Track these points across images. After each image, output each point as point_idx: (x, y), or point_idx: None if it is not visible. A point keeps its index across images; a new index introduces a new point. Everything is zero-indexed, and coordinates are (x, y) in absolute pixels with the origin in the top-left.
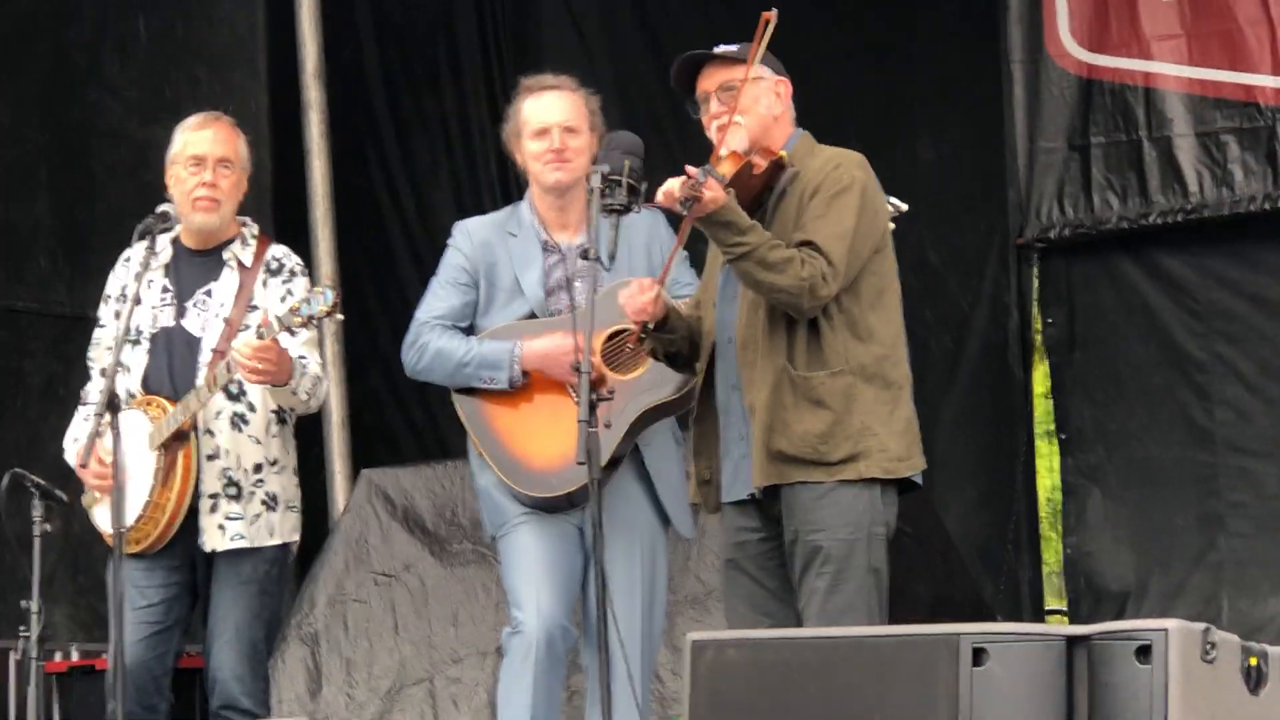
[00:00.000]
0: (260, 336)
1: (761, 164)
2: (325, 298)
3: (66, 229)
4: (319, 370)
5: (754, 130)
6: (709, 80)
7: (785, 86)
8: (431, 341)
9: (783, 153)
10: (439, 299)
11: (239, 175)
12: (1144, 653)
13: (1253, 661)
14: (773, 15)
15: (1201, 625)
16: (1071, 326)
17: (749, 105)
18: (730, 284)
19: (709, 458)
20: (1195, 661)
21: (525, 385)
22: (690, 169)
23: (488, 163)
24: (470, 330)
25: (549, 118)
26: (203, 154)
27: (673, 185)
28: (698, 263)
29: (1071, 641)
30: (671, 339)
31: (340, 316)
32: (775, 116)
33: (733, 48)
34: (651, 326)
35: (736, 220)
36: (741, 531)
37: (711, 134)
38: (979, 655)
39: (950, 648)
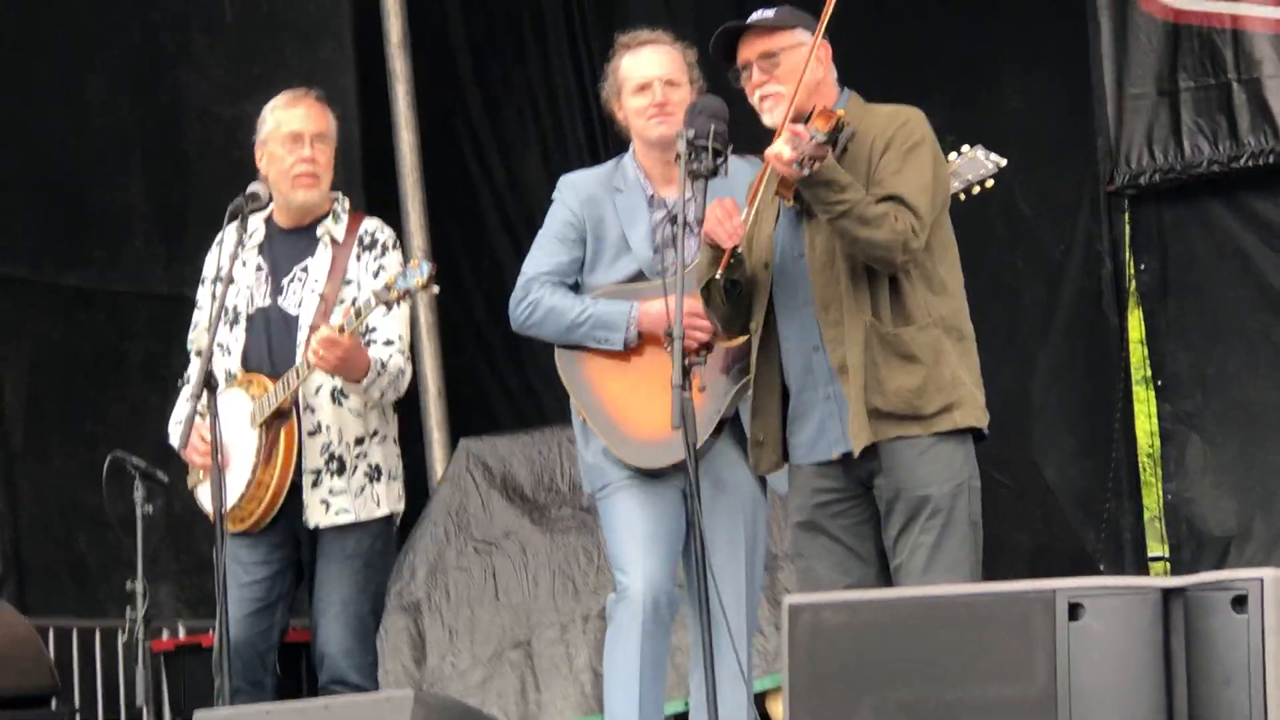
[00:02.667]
0: (341, 330)
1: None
2: (421, 271)
3: (160, 209)
4: (401, 362)
5: (802, 96)
6: (749, 49)
7: (825, 49)
8: (544, 298)
9: (840, 111)
10: (547, 253)
11: (334, 149)
12: (1240, 602)
13: None
14: None
15: None
16: (1164, 272)
17: (793, 72)
18: (792, 246)
19: (765, 418)
20: None
21: (632, 353)
22: (797, 128)
23: (575, 128)
24: (576, 287)
25: (650, 72)
26: (299, 130)
27: (782, 149)
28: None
29: (1167, 593)
30: (739, 264)
31: (436, 289)
32: (819, 80)
33: (769, 14)
34: (740, 250)
35: (838, 178)
36: (822, 492)
37: (755, 102)
38: (1075, 610)
39: (1046, 603)
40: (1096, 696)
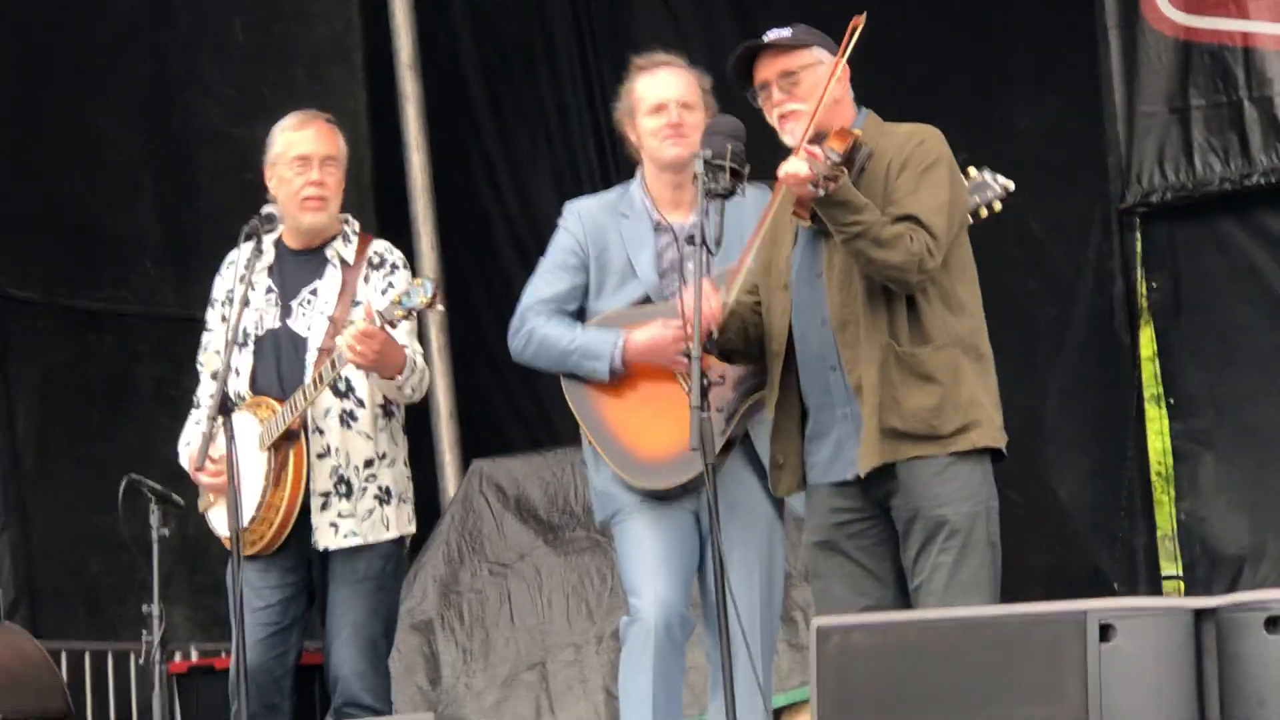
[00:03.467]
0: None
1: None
2: (425, 289)
3: (170, 231)
4: (421, 363)
5: (821, 115)
6: (767, 68)
7: (844, 69)
8: (538, 327)
9: (857, 131)
10: (545, 282)
11: (342, 172)
12: (1273, 623)
13: None
14: (862, 20)
15: None
16: (1177, 290)
17: (812, 91)
18: (810, 265)
19: (785, 441)
20: None
21: (634, 375)
22: (811, 148)
23: (586, 150)
24: (580, 313)
25: (666, 93)
26: (308, 153)
27: (798, 166)
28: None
29: (1199, 614)
30: (729, 339)
31: (440, 308)
32: (837, 99)
33: (785, 32)
34: (716, 334)
35: (853, 199)
36: (840, 512)
37: (774, 121)
38: (1106, 631)
39: (1077, 625)
40: (1128, 718)
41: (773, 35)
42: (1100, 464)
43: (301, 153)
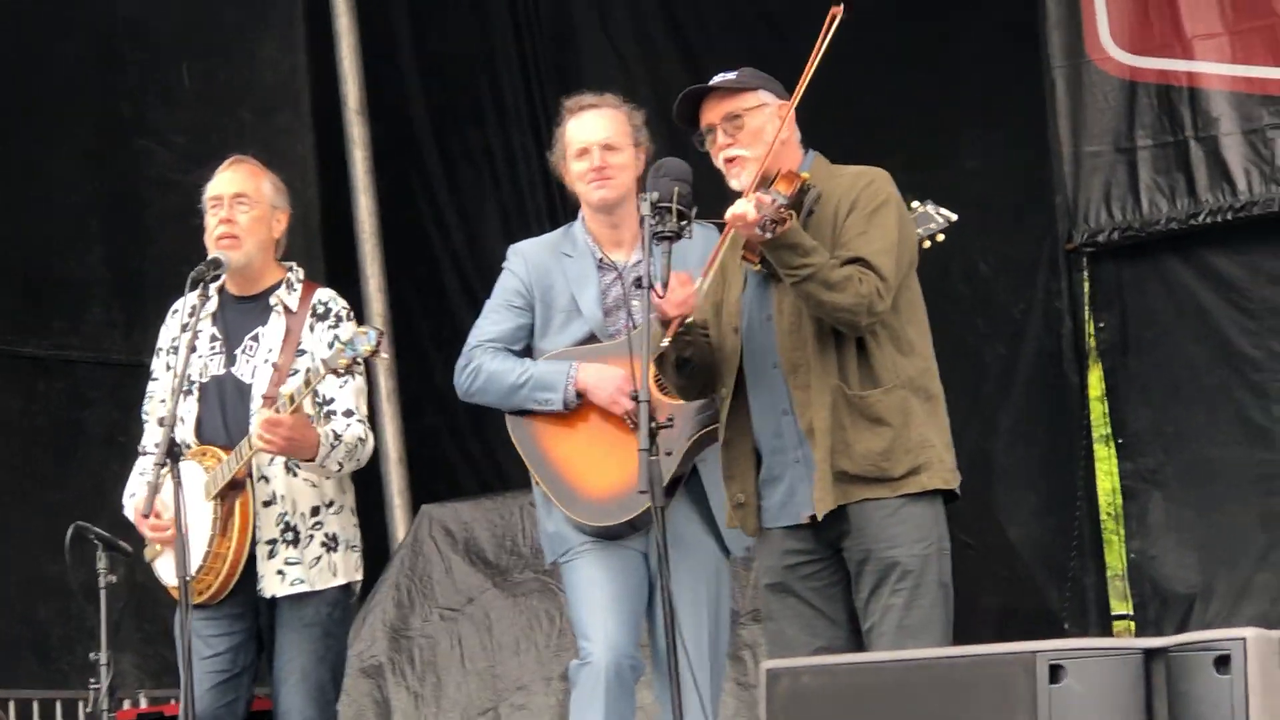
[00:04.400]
0: (291, 399)
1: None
2: (369, 338)
3: (120, 277)
4: (361, 432)
5: (766, 158)
6: (713, 111)
7: (789, 110)
8: (485, 364)
9: (805, 174)
10: (491, 322)
11: (261, 211)
12: (1223, 662)
13: None
14: (839, 10)
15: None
16: (1124, 330)
17: (758, 134)
18: (760, 309)
19: (742, 481)
20: (1275, 669)
21: (579, 413)
22: (759, 194)
23: (534, 192)
24: (526, 353)
25: (589, 137)
26: (219, 193)
27: (745, 209)
28: None
29: (1149, 654)
30: (690, 341)
31: (385, 356)
32: (783, 141)
33: (731, 75)
34: (689, 321)
35: (802, 241)
36: (792, 554)
37: (719, 164)
38: (1056, 672)
39: (1027, 666)
40: None
41: (718, 78)
42: (1050, 503)
43: (214, 193)
